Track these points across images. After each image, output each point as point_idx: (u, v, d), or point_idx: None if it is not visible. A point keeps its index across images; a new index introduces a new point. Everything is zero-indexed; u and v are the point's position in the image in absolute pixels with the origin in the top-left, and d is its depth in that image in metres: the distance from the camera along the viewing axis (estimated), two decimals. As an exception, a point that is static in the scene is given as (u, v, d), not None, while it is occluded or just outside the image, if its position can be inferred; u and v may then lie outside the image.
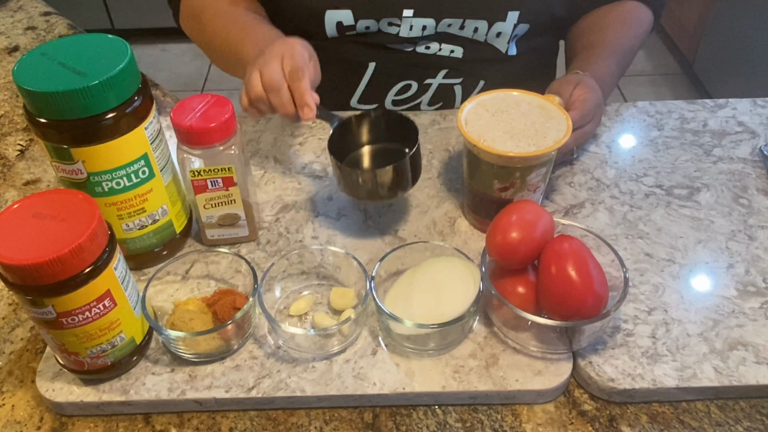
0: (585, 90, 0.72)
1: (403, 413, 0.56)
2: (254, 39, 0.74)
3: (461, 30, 0.83)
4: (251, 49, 0.73)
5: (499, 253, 0.57)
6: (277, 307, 0.62)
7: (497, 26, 0.82)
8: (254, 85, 0.65)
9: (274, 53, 0.66)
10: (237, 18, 0.80)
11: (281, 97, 0.64)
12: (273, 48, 0.67)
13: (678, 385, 0.55)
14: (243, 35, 0.76)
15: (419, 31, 0.82)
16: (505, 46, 0.85)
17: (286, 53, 0.66)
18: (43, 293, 0.48)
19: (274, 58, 0.65)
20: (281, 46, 0.67)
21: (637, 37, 0.87)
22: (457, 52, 0.85)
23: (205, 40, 0.84)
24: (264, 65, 0.65)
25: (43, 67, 0.54)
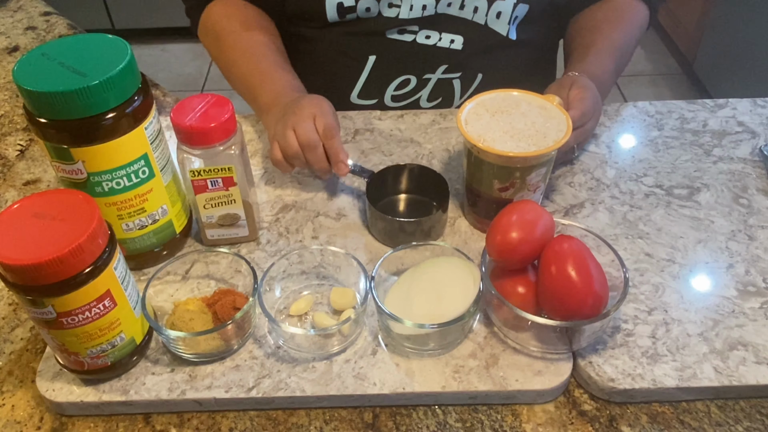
0: (581, 90, 0.72)
1: (403, 413, 0.56)
2: (271, 87, 0.78)
3: (461, 10, 0.83)
4: (267, 96, 0.77)
5: (499, 253, 0.57)
6: (277, 307, 0.62)
7: (497, 5, 0.82)
8: (291, 144, 0.68)
9: (305, 113, 0.69)
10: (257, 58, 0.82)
11: (317, 155, 0.68)
12: (302, 105, 0.70)
13: (678, 385, 0.55)
14: (261, 80, 0.79)
15: (419, 10, 0.82)
16: (505, 28, 0.85)
17: (317, 112, 0.69)
18: (43, 293, 0.48)
19: (307, 117, 0.69)
20: (310, 105, 0.70)
21: (633, 32, 0.86)
22: (457, 42, 0.85)
23: (222, 65, 0.87)
24: (298, 124, 0.68)
25: (43, 67, 0.54)
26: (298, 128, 0.68)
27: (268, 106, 0.75)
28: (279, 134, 0.70)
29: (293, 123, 0.69)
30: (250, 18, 0.86)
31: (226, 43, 0.84)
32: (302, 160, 0.69)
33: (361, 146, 0.81)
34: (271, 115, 0.74)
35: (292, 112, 0.70)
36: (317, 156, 0.68)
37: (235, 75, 0.83)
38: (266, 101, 0.76)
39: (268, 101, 0.76)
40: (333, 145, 0.68)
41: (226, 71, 0.86)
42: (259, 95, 0.78)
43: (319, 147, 0.68)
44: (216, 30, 0.86)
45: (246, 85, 0.81)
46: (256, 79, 0.79)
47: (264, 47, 0.83)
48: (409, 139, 0.82)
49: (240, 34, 0.84)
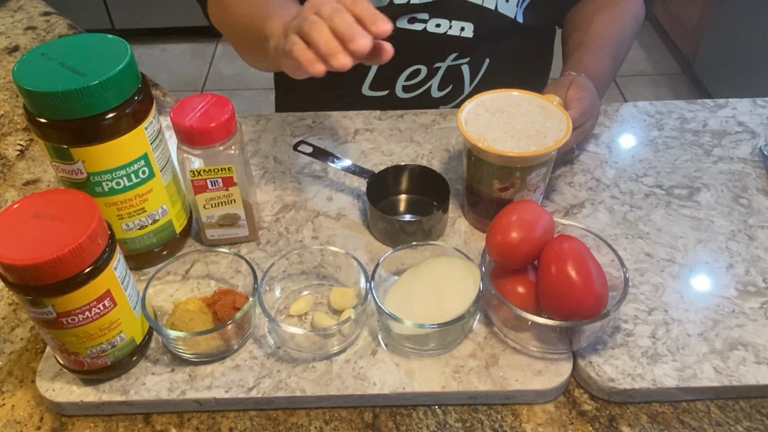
0: (579, 90, 0.72)
1: (403, 413, 0.56)
2: (280, 13, 0.67)
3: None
4: (277, 22, 0.66)
5: (499, 253, 0.57)
6: (277, 307, 0.62)
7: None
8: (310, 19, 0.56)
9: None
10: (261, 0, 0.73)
11: (346, 19, 0.55)
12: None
13: (678, 385, 0.55)
14: (267, 10, 0.70)
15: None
16: (514, 11, 0.85)
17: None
18: (43, 293, 0.48)
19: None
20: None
21: (627, 25, 0.86)
22: (467, 30, 0.84)
23: (230, 24, 0.79)
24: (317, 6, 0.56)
25: (43, 67, 0.54)
26: (320, 8, 0.56)
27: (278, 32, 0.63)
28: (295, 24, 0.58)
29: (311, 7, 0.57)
30: None
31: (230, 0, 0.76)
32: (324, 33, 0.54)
33: (361, 146, 0.81)
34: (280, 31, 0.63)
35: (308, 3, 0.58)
36: (345, 17, 0.55)
37: (241, 24, 0.74)
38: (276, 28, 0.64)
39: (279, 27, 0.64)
40: (363, 8, 0.56)
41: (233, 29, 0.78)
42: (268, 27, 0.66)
43: (344, 11, 0.55)
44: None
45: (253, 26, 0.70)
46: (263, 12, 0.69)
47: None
48: (409, 139, 0.82)
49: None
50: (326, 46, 0.54)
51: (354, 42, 0.54)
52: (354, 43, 0.54)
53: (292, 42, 0.56)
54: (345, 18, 0.55)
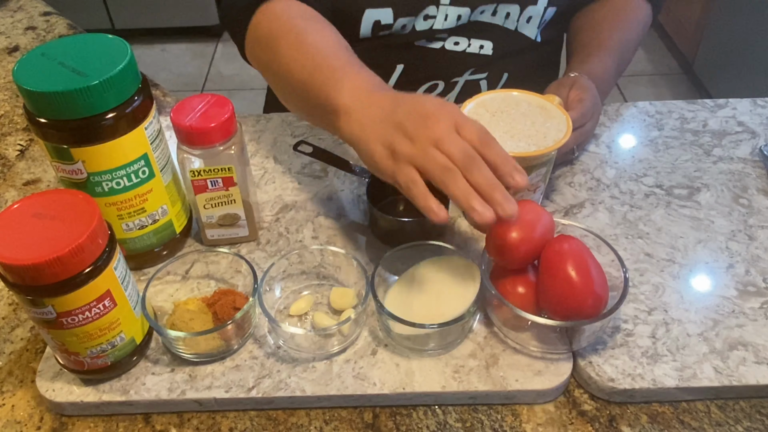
0: (580, 90, 0.72)
1: (403, 413, 0.56)
2: (352, 84, 0.59)
3: (493, 16, 0.82)
4: (348, 95, 0.58)
5: (499, 253, 0.57)
6: (277, 307, 0.62)
7: (529, 10, 0.82)
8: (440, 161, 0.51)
9: (442, 122, 0.52)
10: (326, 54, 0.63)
11: (483, 170, 0.51)
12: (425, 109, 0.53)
13: (678, 385, 0.55)
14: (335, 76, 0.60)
15: (454, 21, 0.81)
16: (534, 32, 0.85)
17: (456, 117, 0.53)
18: (43, 293, 0.48)
19: (447, 128, 0.52)
20: (438, 108, 0.53)
21: (635, 31, 0.86)
22: (486, 48, 0.84)
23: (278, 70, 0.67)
24: (441, 138, 0.51)
25: (43, 67, 0.54)
26: (445, 143, 0.51)
27: (348, 106, 0.57)
28: (412, 154, 0.52)
29: (430, 137, 0.51)
30: (313, 14, 0.71)
31: (285, 42, 0.66)
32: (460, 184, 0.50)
33: (361, 146, 0.81)
34: (357, 119, 0.56)
35: (418, 123, 0.52)
36: (484, 172, 0.51)
37: (296, 77, 0.63)
38: (346, 101, 0.57)
39: (349, 100, 0.57)
40: (498, 152, 0.52)
41: (284, 76, 0.66)
42: (334, 95, 0.58)
43: (481, 161, 0.51)
44: (271, 30, 0.68)
45: (312, 85, 0.61)
46: (327, 75, 0.60)
47: (335, 42, 0.65)
48: (409, 139, 0.82)
49: (307, 31, 0.66)
50: (465, 201, 0.50)
51: (502, 207, 0.50)
52: (502, 208, 0.50)
53: (408, 178, 0.52)
54: (485, 174, 0.51)
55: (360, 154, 0.56)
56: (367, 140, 0.55)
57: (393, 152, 0.53)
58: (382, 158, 0.54)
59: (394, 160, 0.53)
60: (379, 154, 0.54)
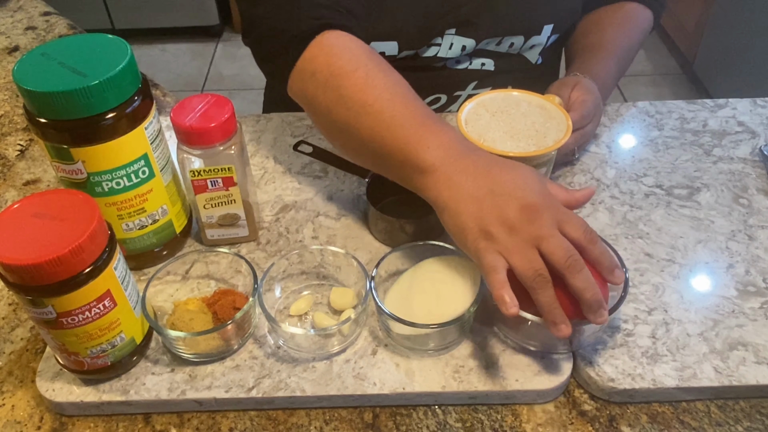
0: (583, 92, 0.72)
1: (403, 413, 0.56)
2: (438, 140, 0.55)
3: (497, 46, 0.83)
4: (435, 152, 0.55)
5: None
6: (277, 307, 0.62)
7: (533, 40, 0.83)
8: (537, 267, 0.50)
9: (545, 219, 0.51)
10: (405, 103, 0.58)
11: (585, 276, 0.50)
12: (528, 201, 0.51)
13: (678, 385, 0.55)
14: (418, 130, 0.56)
15: (458, 51, 0.81)
16: (535, 57, 0.87)
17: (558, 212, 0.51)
18: (43, 293, 0.48)
19: (550, 226, 0.51)
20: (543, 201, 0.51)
21: (636, 37, 0.87)
22: (488, 65, 0.85)
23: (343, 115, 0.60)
24: (544, 239, 0.50)
25: (43, 67, 0.54)
26: (548, 242, 0.50)
27: (436, 167, 0.54)
28: (509, 247, 0.50)
29: (533, 235, 0.50)
30: (375, 52, 0.64)
31: (351, 83, 0.60)
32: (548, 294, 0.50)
33: (361, 146, 0.81)
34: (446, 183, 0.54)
35: (521, 215, 0.50)
36: (583, 280, 0.50)
37: (367, 125, 0.58)
38: (434, 160, 0.54)
39: (438, 158, 0.54)
40: (602, 249, 0.51)
41: (350, 122, 0.60)
42: (421, 149, 0.55)
43: (583, 264, 0.50)
44: (331, 67, 0.61)
45: (390, 138, 0.57)
46: (411, 128, 0.56)
47: (406, 88, 0.60)
48: (409, 139, 0.82)
49: (373, 70, 0.60)
50: (550, 315, 0.50)
51: (595, 315, 0.50)
52: (595, 316, 0.50)
53: (492, 264, 0.50)
54: (586, 277, 0.49)
55: (446, 220, 0.54)
56: (459, 212, 0.53)
57: (487, 235, 0.51)
58: (473, 236, 0.52)
59: (485, 242, 0.51)
60: (472, 233, 0.52)
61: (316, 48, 0.63)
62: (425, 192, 0.56)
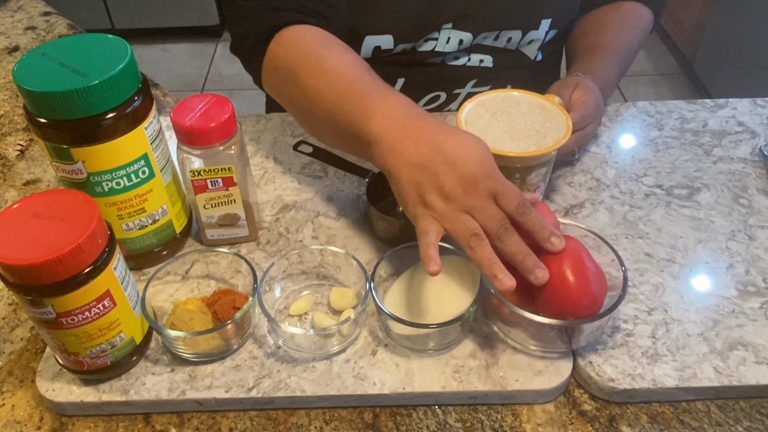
0: (584, 92, 0.72)
1: (403, 413, 0.56)
2: (383, 109, 0.57)
3: (495, 41, 0.83)
4: (379, 122, 0.56)
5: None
6: (277, 307, 0.62)
7: (530, 34, 0.83)
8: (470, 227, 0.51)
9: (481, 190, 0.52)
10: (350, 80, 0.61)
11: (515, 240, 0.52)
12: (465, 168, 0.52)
13: (678, 385, 0.55)
14: (363, 103, 0.58)
15: (455, 45, 0.81)
16: (534, 53, 0.87)
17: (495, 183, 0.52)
18: (43, 293, 0.48)
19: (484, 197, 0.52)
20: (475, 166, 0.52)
21: (636, 37, 0.87)
22: (486, 61, 0.85)
23: (301, 102, 0.65)
24: (475, 208, 0.52)
25: (43, 67, 0.54)
26: (480, 212, 0.52)
27: (380, 136, 0.56)
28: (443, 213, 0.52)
29: (467, 204, 0.52)
30: (331, 40, 0.67)
31: (304, 71, 0.63)
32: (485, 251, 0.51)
33: (361, 146, 0.81)
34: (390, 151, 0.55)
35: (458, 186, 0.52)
36: (515, 240, 0.52)
37: (321, 106, 0.61)
38: (378, 130, 0.56)
39: (381, 128, 0.56)
40: (535, 220, 0.52)
41: (307, 107, 0.64)
42: (365, 122, 0.57)
43: (516, 233, 0.52)
44: (288, 59, 0.65)
45: (339, 115, 0.60)
46: (354, 103, 0.59)
47: (357, 67, 0.63)
48: (409, 139, 0.82)
49: (325, 57, 0.63)
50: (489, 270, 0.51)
51: (534, 274, 0.52)
52: (534, 275, 0.52)
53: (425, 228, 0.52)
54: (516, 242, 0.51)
55: (392, 186, 0.57)
56: (400, 179, 0.54)
57: (424, 203, 0.53)
58: (412, 201, 0.54)
59: (422, 208, 0.53)
60: (410, 197, 0.54)
61: (276, 45, 0.67)
62: (374, 161, 0.58)
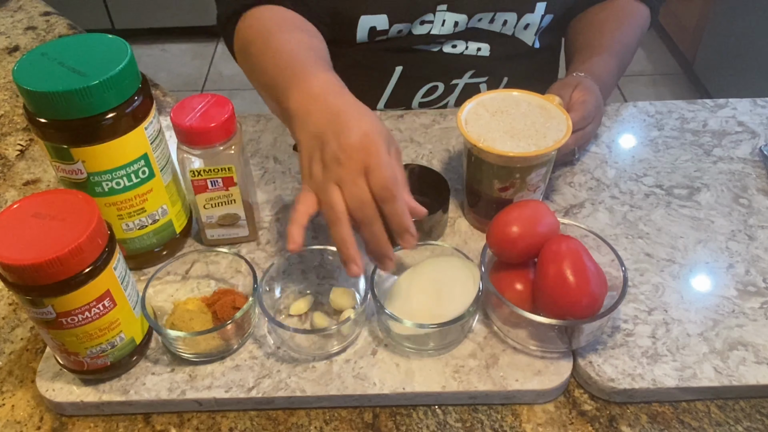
0: (584, 92, 0.72)
1: (403, 413, 0.56)
2: (304, 87, 0.58)
3: (491, 24, 0.83)
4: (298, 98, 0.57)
5: (498, 247, 0.57)
6: (277, 307, 0.62)
7: (526, 18, 0.83)
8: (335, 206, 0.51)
9: (354, 161, 0.51)
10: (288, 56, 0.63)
11: (374, 230, 0.52)
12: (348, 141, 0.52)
13: (678, 385, 0.55)
14: (292, 79, 0.59)
15: (451, 27, 0.81)
16: (531, 39, 0.86)
17: (372, 159, 0.51)
18: (43, 293, 0.48)
19: (356, 171, 0.51)
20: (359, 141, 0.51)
21: (635, 34, 0.87)
22: (483, 50, 0.85)
23: (251, 75, 0.69)
24: (344, 180, 0.51)
25: (43, 67, 0.54)
26: (346, 186, 0.51)
27: (295, 111, 0.57)
28: (317, 183, 0.53)
29: (337, 175, 0.51)
30: (288, 20, 0.72)
31: (254, 48, 0.68)
32: (342, 232, 0.52)
33: (361, 146, 0.81)
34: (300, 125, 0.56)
35: (335, 155, 0.52)
36: (373, 228, 0.52)
37: (263, 81, 0.65)
38: (294, 105, 0.57)
39: (296, 105, 0.57)
40: (395, 210, 0.51)
41: (256, 83, 0.68)
42: (288, 96, 0.58)
43: (377, 220, 0.51)
44: (246, 36, 0.70)
45: (273, 90, 0.62)
46: (284, 79, 0.60)
47: (299, 45, 0.65)
48: (409, 139, 0.82)
49: (274, 35, 0.67)
50: (341, 252, 0.52)
51: (382, 264, 0.54)
52: (382, 265, 0.54)
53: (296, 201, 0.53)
54: (373, 230, 0.52)
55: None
56: (301, 148, 0.55)
57: (309, 171, 0.54)
58: (304, 172, 0.55)
59: (308, 178, 0.54)
60: (304, 167, 0.55)
61: (242, 23, 0.72)
62: (292, 134, 0.58)
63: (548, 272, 0.54)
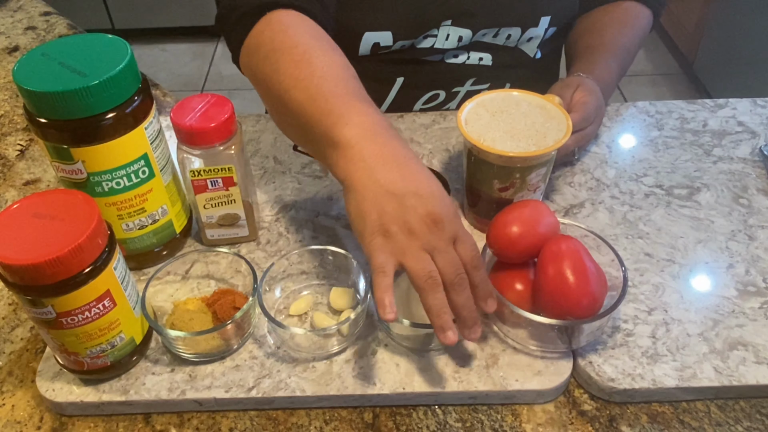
0: (585, 93, 0.72)
1: (403, 413, 0.56)
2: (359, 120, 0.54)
3: (494, 38, 0.83)
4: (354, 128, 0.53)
5: (498, 247, 0.57)
6: (277, 307, 0.62)
7: (530, 32, 0.83)
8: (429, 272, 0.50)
9: (446, 233, 0.51)
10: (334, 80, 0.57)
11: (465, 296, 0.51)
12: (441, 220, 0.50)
13: (678, 385, 0.55)
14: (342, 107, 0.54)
15: (455, 42, 0.81)
16: (533, 51, 0.86)
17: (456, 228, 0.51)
18: (43, 293, 0.48)
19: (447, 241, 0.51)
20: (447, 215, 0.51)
21: (636, 36, 0.87)
22: (486, 59, 0.85)
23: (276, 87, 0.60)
24: (438, 250, 0.51)
25: (43, 67, 0.54)
26: (440, 255, 0.50)
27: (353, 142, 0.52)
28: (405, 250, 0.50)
29: (430, 244, 0.50)
30: (322, 33, 0.64)
31: (287, 58, 0.59)
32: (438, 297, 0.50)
33: (361, 146, 0.81)
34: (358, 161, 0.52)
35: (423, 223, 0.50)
36: (467, 293, 0.51)
37: (296, 97, 0.57)
38: (352, 135, 0.53)
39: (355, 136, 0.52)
40: (482, 277, 0.52)
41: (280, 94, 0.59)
42: (340, 125, 0.53)
43: (468, 287, 0.51)
44: (274, 41, 0.62)
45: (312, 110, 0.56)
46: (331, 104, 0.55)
47: (343, 70, 0.59)
48: (409, 139, 0.82)
49: (312, 47, 0.60)
50: (437, 317, 0.50)
51: (469, 331, 0.52)
52: (469, 332, 0.52)
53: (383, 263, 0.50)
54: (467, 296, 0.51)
55: (348, 200, 0.53)
56: (364, 198, 0.51)
57: (386, 232, 0.50)
58: (371, 227, 0.51)
59: (382, 238, 0.50)
60: (371, 224, 0.51)
61: (264, 23, 0.64)
62: (336, 169, 0.54)
63: (548, 272, 0.54)
